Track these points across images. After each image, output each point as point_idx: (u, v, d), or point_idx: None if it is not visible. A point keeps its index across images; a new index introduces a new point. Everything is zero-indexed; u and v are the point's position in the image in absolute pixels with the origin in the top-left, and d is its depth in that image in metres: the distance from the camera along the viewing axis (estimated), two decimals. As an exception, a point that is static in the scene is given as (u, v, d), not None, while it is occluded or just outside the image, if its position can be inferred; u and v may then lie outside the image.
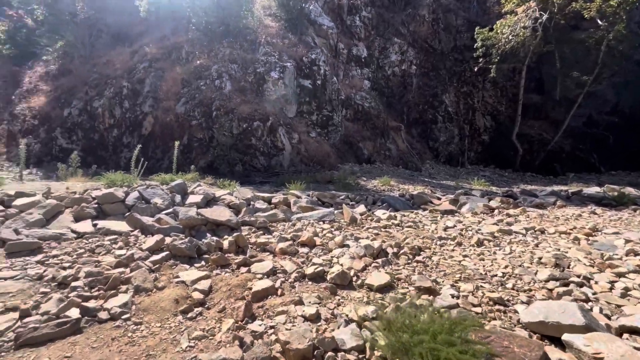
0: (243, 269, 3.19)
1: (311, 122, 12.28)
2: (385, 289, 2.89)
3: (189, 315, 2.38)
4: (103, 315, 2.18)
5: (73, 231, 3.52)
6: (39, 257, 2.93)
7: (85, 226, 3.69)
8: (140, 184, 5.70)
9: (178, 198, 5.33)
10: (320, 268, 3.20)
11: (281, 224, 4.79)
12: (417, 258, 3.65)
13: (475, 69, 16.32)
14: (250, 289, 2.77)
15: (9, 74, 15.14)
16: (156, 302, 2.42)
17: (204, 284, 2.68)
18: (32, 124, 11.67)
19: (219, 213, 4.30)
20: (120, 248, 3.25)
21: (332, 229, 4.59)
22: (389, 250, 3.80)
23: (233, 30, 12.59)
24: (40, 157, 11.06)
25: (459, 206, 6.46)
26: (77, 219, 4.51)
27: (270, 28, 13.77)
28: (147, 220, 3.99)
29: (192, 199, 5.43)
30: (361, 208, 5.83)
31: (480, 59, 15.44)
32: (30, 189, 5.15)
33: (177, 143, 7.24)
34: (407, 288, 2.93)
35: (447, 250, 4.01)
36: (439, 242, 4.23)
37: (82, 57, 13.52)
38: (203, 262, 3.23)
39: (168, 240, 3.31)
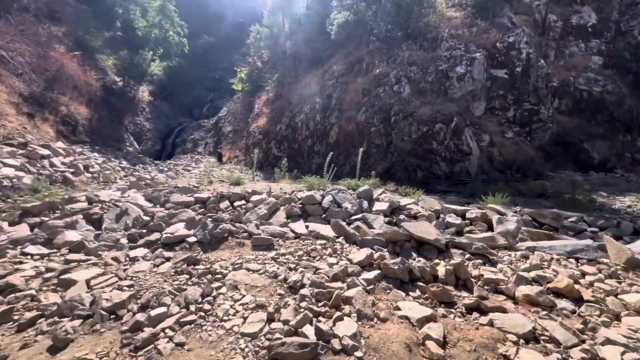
0: (481, 319, 2.51)
1: (506, 120, 10.01)
2: None
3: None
4: (336, 344, 2.09)
5: (292, 231, 4.07)
6: (272, 253, 3.34)
7: (300, 227, 4.19)
8: (332, 188, 6.19)
9: (365, 204, 5.37)
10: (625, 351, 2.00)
11: (504, 252, 3.79)
12: None
13: None
14: (508, 359, 2.05)
15: (247, 104, 21.25)
16: (385, 341, 2.14)
17: (435, 331, 2.19)
18: (258, 138, 15.75)
19: (424, 229, 3.81)
20: (331, 255, 3.37)
21: (601, 275, 3.13)
22: None
23: (412, 31, 12.17)
24: (262, 163, 14.69)
25: None
26: (289, 216, 5.30)
27: (454, 19, 12.38)
28: (348, 227, 4.09)
29: (378, 206, 5.33)
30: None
31: None
32: (259, 188, 6.62)
33: (360, 150, 7.54)
34: None
35: None
36: None
37: (289, 83, 17.03)
38: (418, 292, 2.87)
39: (376, 255, 3.17)
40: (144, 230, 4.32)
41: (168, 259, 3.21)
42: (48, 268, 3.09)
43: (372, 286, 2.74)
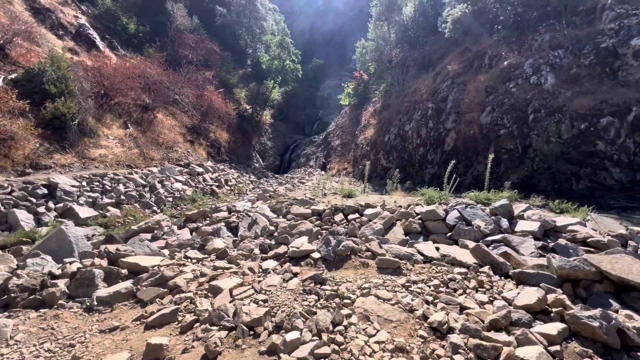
0: None
1: None
2: None
3: None
4: None
5: (420, 252, 3.61)
6: (402, 279, 2.97)
7: (428, 249, 3.70)
8: (458, 202, 5.39)
9: (504, 222, 4.39)
10: None
11: None
12: None
13: None
14: None
15: (354, 117, 21.75)
16: None
17: None
18: (366, 150, 15.75)
19: (627, 266, 2.57)
20: (477, 290, 2.74)
21: None
22: None
23: (555, 7, 9.86)
24: (370, 174, 14.53)
25: None
26: (407, 232, 4.85)
27: (622, -21, 9.38)
28: (495, 254, 3.33)
29: (523, 225, 4.26)
30: None
31: None
32: (372, 201, 6.40)
33: (490, 157, 6.36)
34: None
35: None
36: None
37: (397, 92, 16.52)
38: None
39: (550, 298, 2.34)
40: (273, 242, 4.70)
41: (295, 275, 3.32)
42: (202, 273, 3.62)
43: (557, 348, 1.97)
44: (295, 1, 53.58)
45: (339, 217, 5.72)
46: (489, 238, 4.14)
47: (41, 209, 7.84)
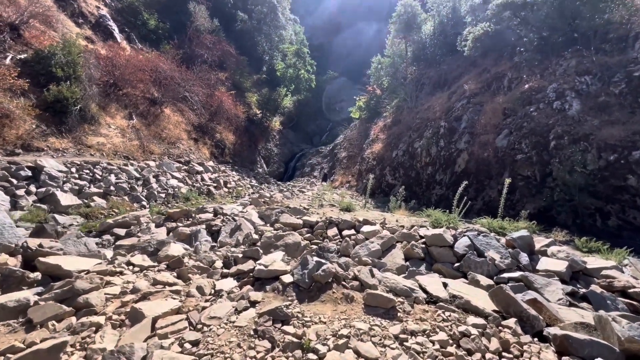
0: None
1: None
2: None
3: None
4: None
5: (422, 288, 2.87)
6: (397, 328, 2.24)
7: (433, 284, 2.98)
8: (468, 227, 4.74)
9: (523, 258, 3.72)
10: None
11: None
12: None
13: None
14: None
15: (363, 130, 21.30)
16: None
17: None
18: (372, 164, 15.17)
19: None
20: (500, 355, 1.99)
21: None
22: None
23: (583, 33, 9.36)
24: (374, 190, 13.90)
25: None
26: (407, 257, 4.21)
27: (657, 9, 8.89)
28: (524, 303, 2.55)
29: (547, 263, 3.59)
30: None
31: None
32: (372, 217, 5.78)
33: (507, 181, 5.71)
34: None
35: None
36: None
37: (409, 108, 16.05)
38: None
39: None
40: (240, 255, 4.06)
41: (253, 304, 2.62)
42: (135, 288, 2.92)
43: None
44: (318, 16, 54.50)
45: (332, 231, 5.10)
46: (505, 275, 3.47)
47: (20, 192, 7.38)
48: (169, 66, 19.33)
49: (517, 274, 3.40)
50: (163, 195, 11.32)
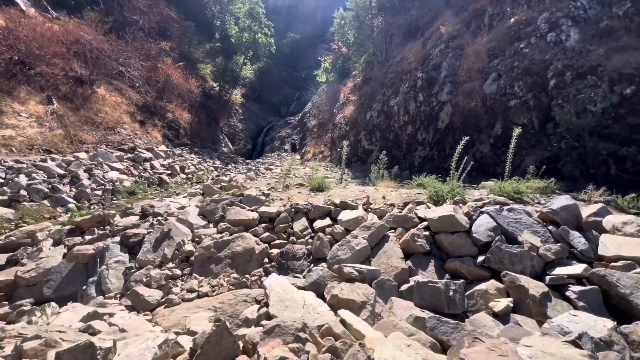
0: None
1: None
2: None
3: None
4: None
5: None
6: None
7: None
8: (480, 199, 3.48)
9: (577, 239, 2.54)
10: None
11: None
12: None
13: None
14: None
15: (332, 94, 19.50)
16: None
17: None
18: (345, 130, 13.70)
19: None
20: None
21: None
22: None
23: (575, -51, 7.97)
24: (350, 158, 12.57)
25: None
26: (407, 252, 2.93)
27: None
28: None
29: (615, 245, 2.43)
30: None
31: None
32: (351, 196, 4.43)
33: (517, 131, 4.49)
34: None
35: None
36: None
37: (379, 63, 14.40)
38: None
39: None
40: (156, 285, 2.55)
41: None
42: None
43: None
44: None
45: (300, 224, 3.71)
46: (561, 271, 2.28)
47: None
48: (94, 36, 16.06)
49: (579, 269, 2.20)
50: (99, 192, 9.31)
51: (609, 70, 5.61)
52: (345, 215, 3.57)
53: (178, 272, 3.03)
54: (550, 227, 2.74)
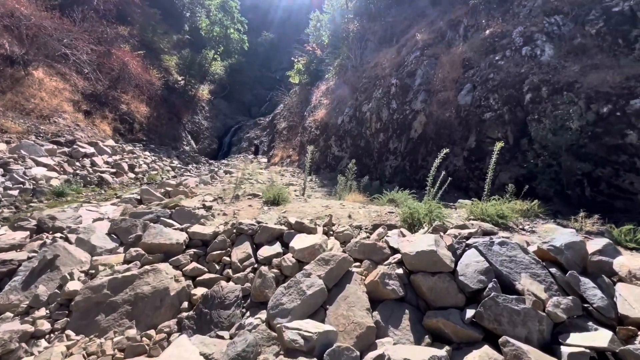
0: None
1: None
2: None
3: None
4: None
5: None
6: None
7: None
8: (469, 229, 2.86)
9: (591, 289, 1.97)
10: None
11: None
12: None
13: None
14: None
15: (305, 97, 18.78)
16: None
17: None
18: (315, 134, 13.00)
19: None
20: None
21: None
22: None
23: (549, -34, 7.97)
24: (319, 164, 11.88)
25: None
26: (375, 299, 2.19)
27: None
28: None
29: (635, 297, 1.86)
30: None
31: None
32: (311, 213, 3.67)
33: (499, 145, 3.99)
34: None
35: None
36: None
37: (353, 67, 13.94)
38: None
39: None
40: None
41: None
42: None
43: None
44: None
45: (241, 250, 2.88)
46: (576, 339, 1.66)
47: None
48: (32, 11, 13.99)
49: (604, 340, 1.59)
50: (15, 192, 7.71)
51: (586, 87, 5.41)
52: (299, 242, 2.79)
53: (47, 326, 2.06)
54: (552, 270, 2.17)
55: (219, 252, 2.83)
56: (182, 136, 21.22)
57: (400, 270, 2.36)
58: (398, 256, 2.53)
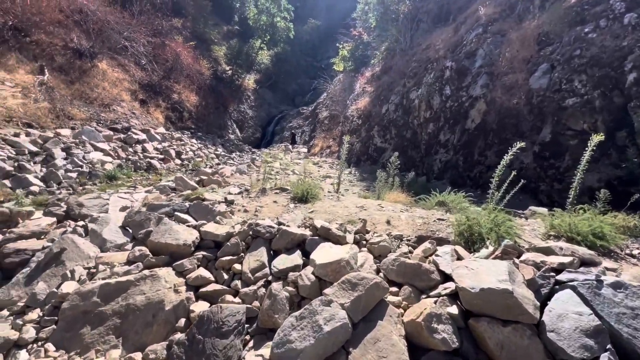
0: None
1: None
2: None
3: None
4: None
5: None
6: None
7: None
8: (559, 258, 2.07)
9: None
10: None
11: None
12: None
13: None
14: None
15: (348, 84, 17.96)
16: None
17: None
18: (357, 123, 12.25)
19: None
20: None
21: None
22: None
23: None
24: (359, 156, 11.17)
25: None
26: (416, 345, 1.58)
27: None
28: None
29: None
30: None
31: None
32: (342, 215, 3.11)
33: (596, 138, 3.00)
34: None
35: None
36: None
37: (402, 50, 12.77)
38: None
39: None
40: None
41: None
42: None
43: None
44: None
45: (254, 259, 2.45)
46: None
47: None
48: (98, 6, 15.11)
49: None
50: (74, 174, 8.31)
51: None
52: (322, 255, 2.27)
53: (32, 333, 1.85)
54: None
55: (229, 257, 2.44)
56: (227, 125, 21.87)
57: (454, 309, 1.72)
58: (451, 286, 1.87)
